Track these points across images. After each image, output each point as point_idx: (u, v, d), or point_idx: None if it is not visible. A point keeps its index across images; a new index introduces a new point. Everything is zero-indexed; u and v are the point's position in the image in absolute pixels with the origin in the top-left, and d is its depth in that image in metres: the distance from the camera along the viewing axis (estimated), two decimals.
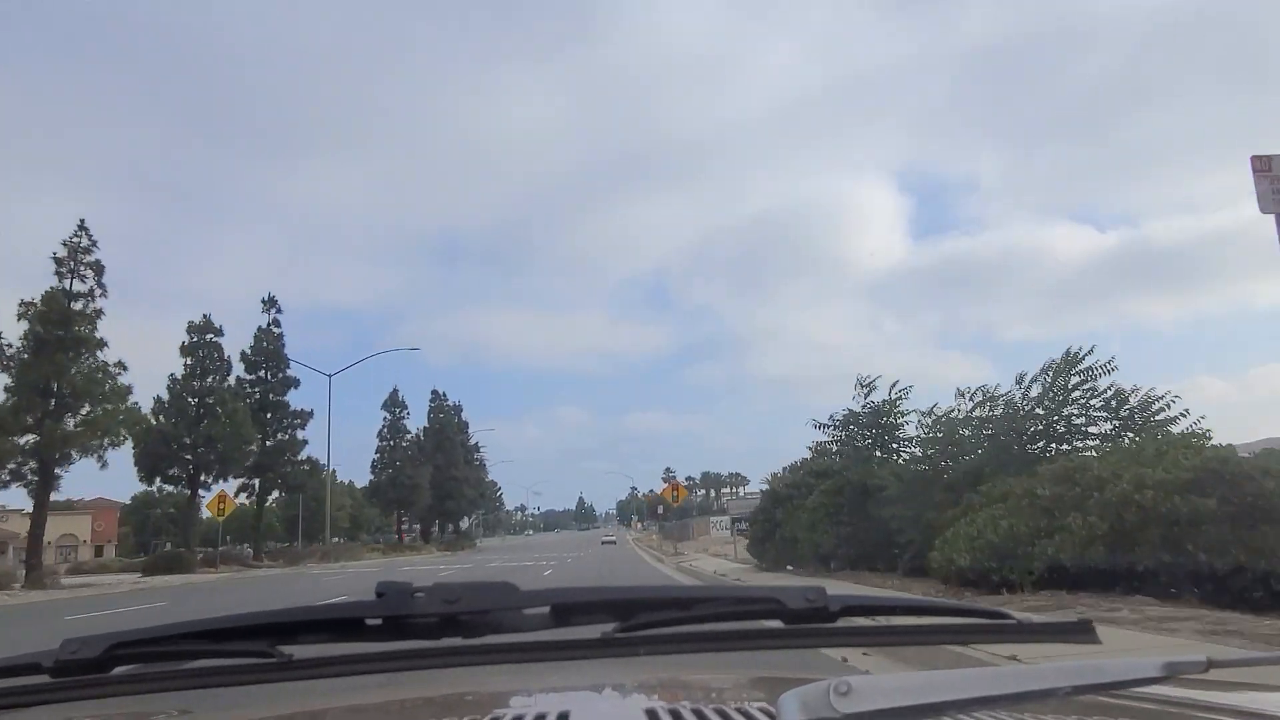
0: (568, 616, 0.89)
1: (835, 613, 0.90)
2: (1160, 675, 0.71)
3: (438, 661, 0.87)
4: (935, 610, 1.03)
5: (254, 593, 21.29)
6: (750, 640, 0.89)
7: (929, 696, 0.64)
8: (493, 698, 1.17)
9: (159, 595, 22.22)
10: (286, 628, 0.88)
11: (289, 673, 0.85)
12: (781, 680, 1.11)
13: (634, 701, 1.11)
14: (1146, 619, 6.89)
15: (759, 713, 0.86)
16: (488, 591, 0.86)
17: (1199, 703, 0.90)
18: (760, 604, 0.92)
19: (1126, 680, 0.71)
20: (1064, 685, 0.68)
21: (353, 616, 0.87)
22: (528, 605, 0.87)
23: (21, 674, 0.86)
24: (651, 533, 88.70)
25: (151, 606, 17.49)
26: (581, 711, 0.97)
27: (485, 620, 0.86)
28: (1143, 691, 0.84)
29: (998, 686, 0.66)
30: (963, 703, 0.65)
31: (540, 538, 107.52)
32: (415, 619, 0.85)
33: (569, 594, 0.90)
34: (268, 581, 28.15)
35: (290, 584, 24.73)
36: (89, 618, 15.31)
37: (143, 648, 0.87)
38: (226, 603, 17.79)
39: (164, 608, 17.02)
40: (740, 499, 38.06)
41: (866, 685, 0.63)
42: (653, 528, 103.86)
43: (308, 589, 21.01)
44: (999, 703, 0.67)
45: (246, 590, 22.92)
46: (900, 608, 1.00)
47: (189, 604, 17.71)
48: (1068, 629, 0.91)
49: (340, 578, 26.91)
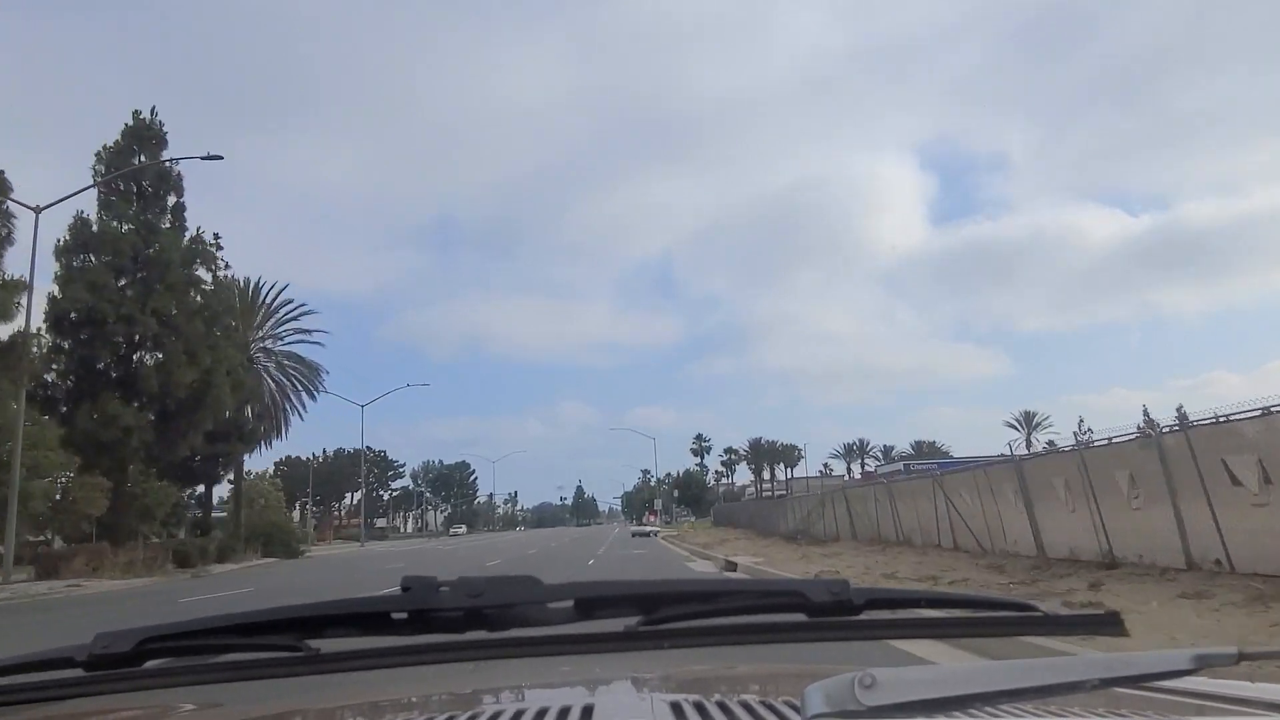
0: (591, 610, 0.89)
1: (859, 605, 0.90)
2: (1190, 668, 0.70)
3: (463, 655, 0.87)
4: (961, 603, 1.02)
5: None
6: (774, 633, 0.89)
7: (955, 689, 0.64)
8: (517, 691, 1.18)
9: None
10: (314, 622, 0.89)
11: (316, 666, 0.86)
12: (806, 673, 1.10)
13: (658, 695, 1.11)
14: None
15: (783, 705, 0.86)
16: (512, 585, 0.87)
17: (1229, 695, 0.89)
18: (784, 597, 0.92)
19: (1156, 673, 0.71)
20: (1092, 678, 0.68)
21: (379, 610, 0.88)
22: (552, 599, 0.87)
23: (56, 667, 0.87)
24: (689, 524, 71.78)
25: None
26: (606, 705, 0.97)
27: (510, 614, 0.86)
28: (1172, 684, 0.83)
29: (1025, 679, 0.66)
30: (989, 695, 0.65)
31: (505, 537, 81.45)
32: (440, 613, 0.86)
33: (593, 588, 0.91)
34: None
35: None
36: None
37: (173, 641, 0.88)
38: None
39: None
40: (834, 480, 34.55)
41: (891, 678, 0.63)
42: (687, 517, 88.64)
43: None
44: (1026, 695, 0.67)
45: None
46: (925, 600, 1.00)
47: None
48: (1096, 621, 0.90)
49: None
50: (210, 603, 16.03)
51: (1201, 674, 0.74)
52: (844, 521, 28.21)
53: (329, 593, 0.85)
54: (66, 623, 13.08)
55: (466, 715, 0.92)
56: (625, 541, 42.44)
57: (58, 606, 17.02)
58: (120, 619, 12.28)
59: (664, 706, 0.90)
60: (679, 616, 0.89)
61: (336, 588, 18.24)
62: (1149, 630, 6.32)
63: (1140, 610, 7.63)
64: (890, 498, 23.91)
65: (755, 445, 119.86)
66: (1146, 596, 8.90)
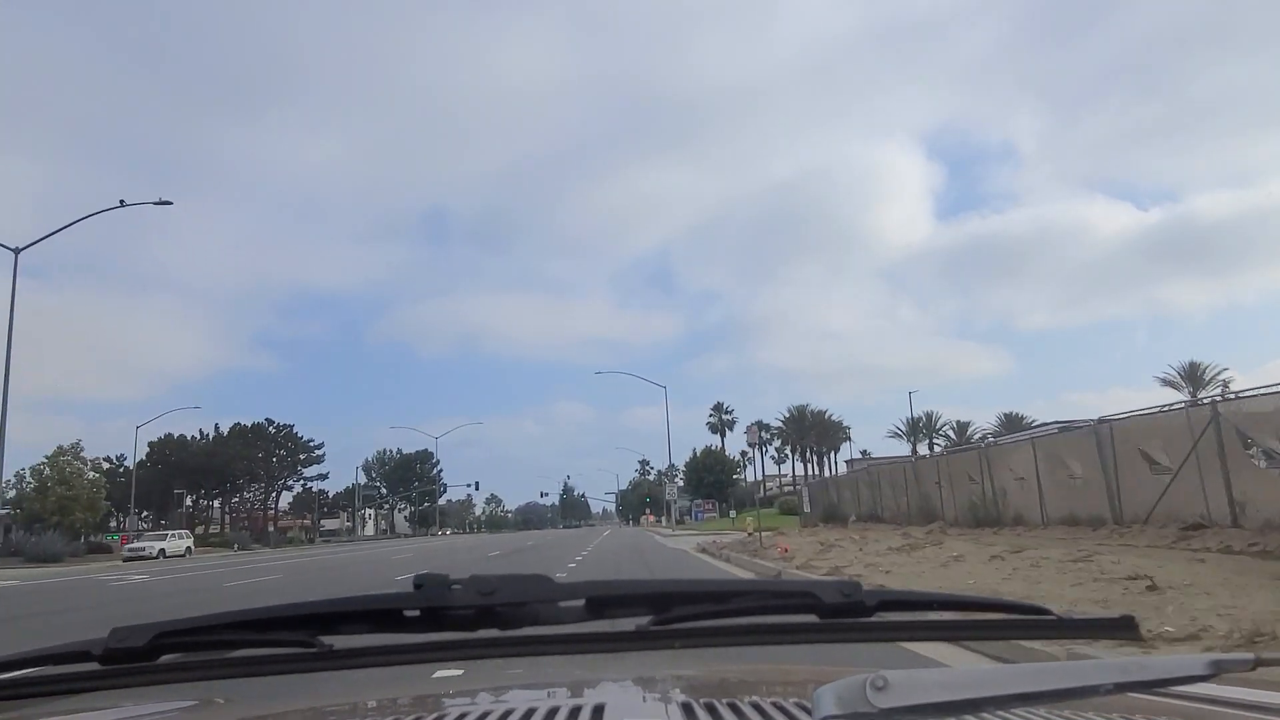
0: (603, 609, 0.89)
1: (871, 607, 0.89)
2: (1206, 673, 0.69)
3: (474, 653, 0.88)
4: (974, 605, 1.02)
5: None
6: (785, 634, 0.89)
7: (967, 692, 0.63)
8: (528, 689, 1.18)
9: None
10: (327, 618, 0.89)
11: (329, 662, 0.86)
12: (817, 674, 1.10)
13: (669, 694, 1.11)
14: None
15: (794, 707, 0.86)
16: (524, 583, 0.87)
17: (1246, 701, 0.88)
18: (796, 598, 0.91)
19: (1171, 678, 0.70)
20: (1106, 682, 0.67)
21: (391, 608, 0.88)
22: (564, 597, 0.87)
23: (72, 661, 0.88)
24: (748, 518, 33.95)
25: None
26: (617, 704, 0.98)
27: (521, 612, 0.86)
28: (1187, 689, 0.83)
29: (1039, 683, 0.65)
30: (1002, 699, 0.65)
31: (431, 544, 53.33)
32: (452, 610, 0.86)
33: (605, 586, 0.91)
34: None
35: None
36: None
37: (188, 637, 0.89)
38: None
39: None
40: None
41: (904, 680, 0.62)
42: (706, 514, 70.66)
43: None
44: (1040, 700, 0.67)
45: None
46: (938, 602, 1.00)
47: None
48: (1110, 625, 0.89)
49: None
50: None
51: (1218, 679, 0.73)
52: (919, 502, 24.64)
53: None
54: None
55: (478, 713, 0.92)
56: (610, 556, 24.97)
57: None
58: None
59: (675, 706, 0.90)
60: (690, 616, 0.89)
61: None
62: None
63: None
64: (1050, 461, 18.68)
65: (798, 415, 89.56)
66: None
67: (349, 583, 18.03)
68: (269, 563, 30.85)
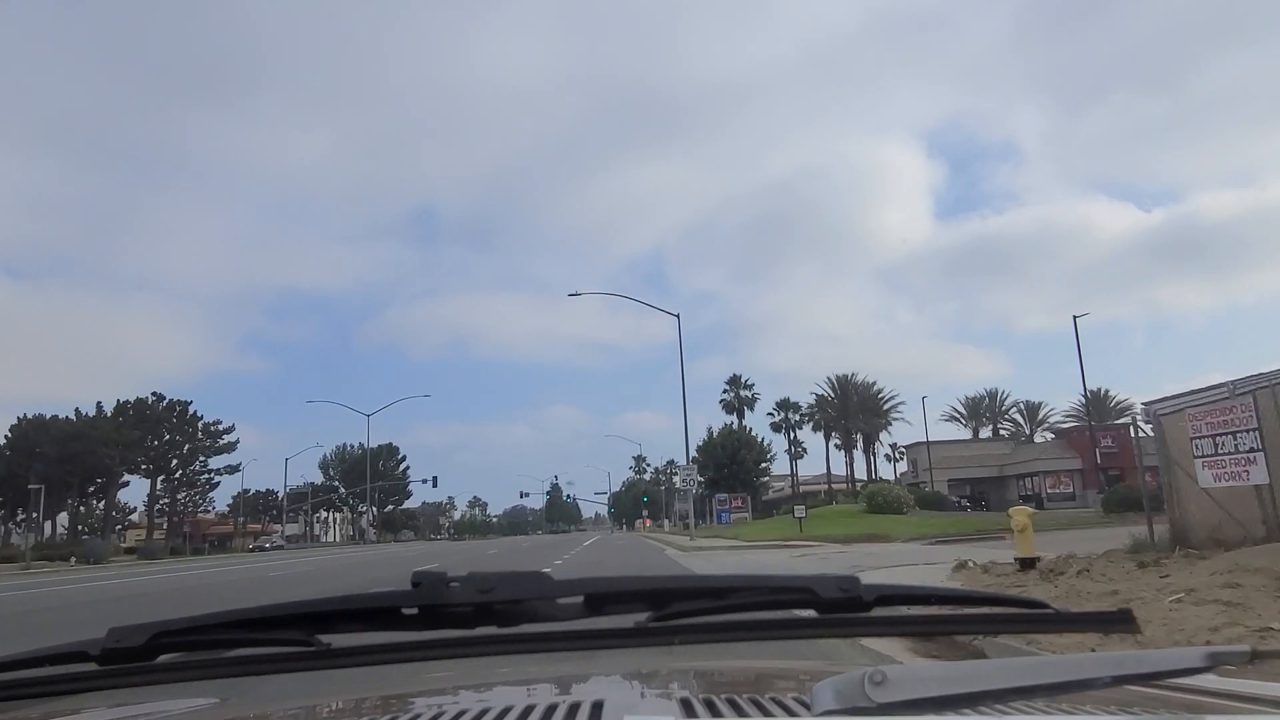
0: (601, 606, 0.89)
1: (869, 602, 0.90)
2: (1203, 665, 0.70)
3: (473, 650, 0.88)
4: (971, 600, 1.02)
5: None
6: (784, 630, 0.89)
7: (965, 686, 0.64)
8: (527, 685, 1.18)
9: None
10: (325, 617, 0.89)
11: (327, 661, 0.86)
12: (816, 669, 1.10)
13: (668, 690, 1.11)
14: None
15: (793, 702, 0.86)
16: (522, 581, 0.87)
17: (1242, 693, 0.88)
18: (794, 593, 0.92)
19: (1168, 671, 0.70)
20: (1104, 675, 0.68)
21: (389, 606, 0.88)
22: (562, 594, 0.88)
23: (70, 661, 0.88)
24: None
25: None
26: (616, 700, 0.98)
27: (519, 609, 0.87)
28: (1184, 682, 0.83)
29: (1036, 676, 0.66)
30: (1000, 692, 0.65)
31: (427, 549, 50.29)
32: (450, 608, 0.86)
33: (603, 583, 0.91)
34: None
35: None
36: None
37: (185, 636, 0.89)
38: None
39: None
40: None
41: (901, 675, 0.63)
42: (735, 512, 54.33)
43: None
44: (1037, 693, 0.67)
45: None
46: (936, 597, 1.00)
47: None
48: (1107, 619, 0.90)
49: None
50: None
51: (1214, 672, 0.73)
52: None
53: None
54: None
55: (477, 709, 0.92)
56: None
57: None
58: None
59: (674, 702, 0.90)
60: (689, 612, 0.89)
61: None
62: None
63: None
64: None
65: (839, 388, 68.70)
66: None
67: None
68: (67, 587, 19.17)
